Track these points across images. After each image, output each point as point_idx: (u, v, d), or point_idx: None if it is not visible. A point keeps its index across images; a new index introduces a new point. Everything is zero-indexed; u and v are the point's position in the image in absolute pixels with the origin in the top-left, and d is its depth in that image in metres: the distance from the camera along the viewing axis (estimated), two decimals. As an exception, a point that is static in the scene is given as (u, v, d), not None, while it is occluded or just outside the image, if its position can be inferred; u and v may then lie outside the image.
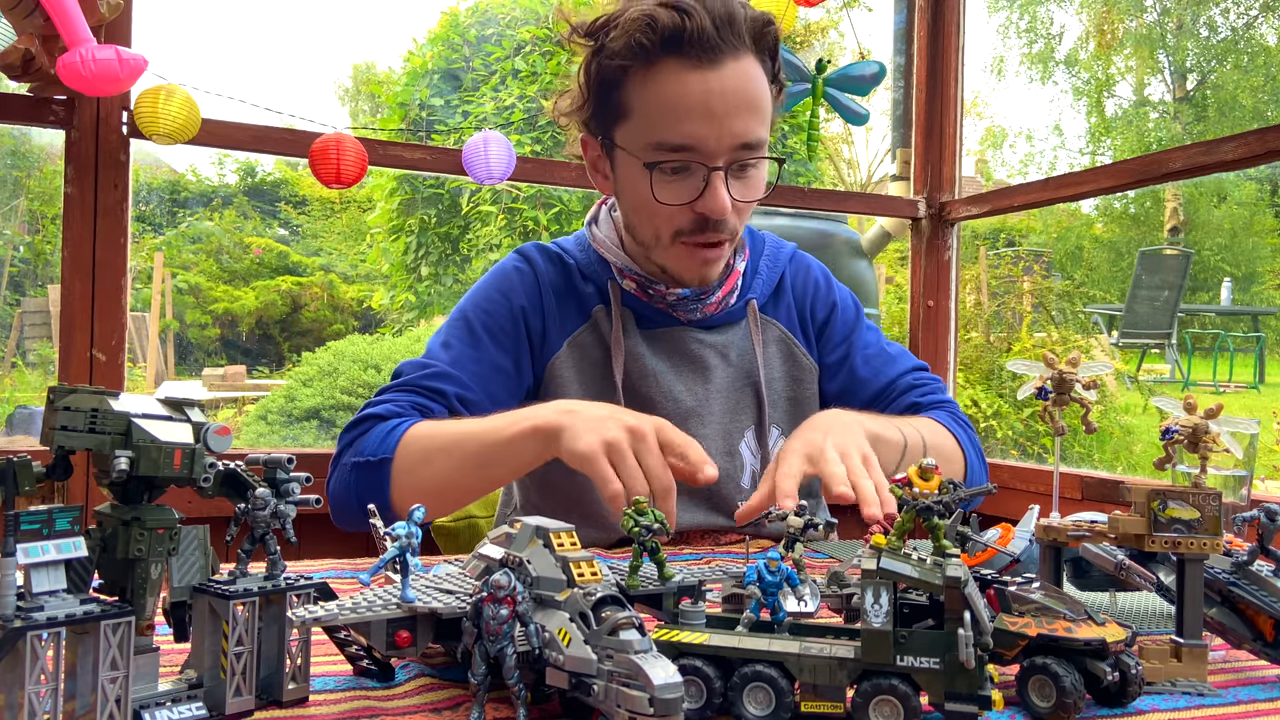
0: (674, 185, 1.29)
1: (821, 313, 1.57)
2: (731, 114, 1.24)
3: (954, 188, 2.66)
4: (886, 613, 0.68)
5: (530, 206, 6.92)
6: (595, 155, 1.40)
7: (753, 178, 1.32)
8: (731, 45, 1.23)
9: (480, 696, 0.66)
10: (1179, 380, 9.71)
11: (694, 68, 1.23)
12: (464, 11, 7.51)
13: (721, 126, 1.24)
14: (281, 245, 13.36)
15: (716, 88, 1.23)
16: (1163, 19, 21.11)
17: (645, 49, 1.23)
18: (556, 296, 1.45)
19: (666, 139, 1.26)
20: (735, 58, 1.24)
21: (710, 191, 1.27)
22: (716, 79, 1.23)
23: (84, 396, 0.65)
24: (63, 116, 1.84)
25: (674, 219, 1.31)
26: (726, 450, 1.46)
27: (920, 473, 0.75)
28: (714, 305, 1.45)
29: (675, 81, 1.24)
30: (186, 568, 0.72)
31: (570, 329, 1.44)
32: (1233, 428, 0.93)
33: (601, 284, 1.45)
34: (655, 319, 1.45)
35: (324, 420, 4.81)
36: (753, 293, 1.51)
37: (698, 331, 1.46)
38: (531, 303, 1.43)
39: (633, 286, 1.43)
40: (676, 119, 1.24)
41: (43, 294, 10.10)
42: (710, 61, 1.22)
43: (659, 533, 0.79)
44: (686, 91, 1.23)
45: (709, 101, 1.23)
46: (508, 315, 1.42)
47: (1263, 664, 0.87)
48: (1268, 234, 18.54)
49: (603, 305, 1.44)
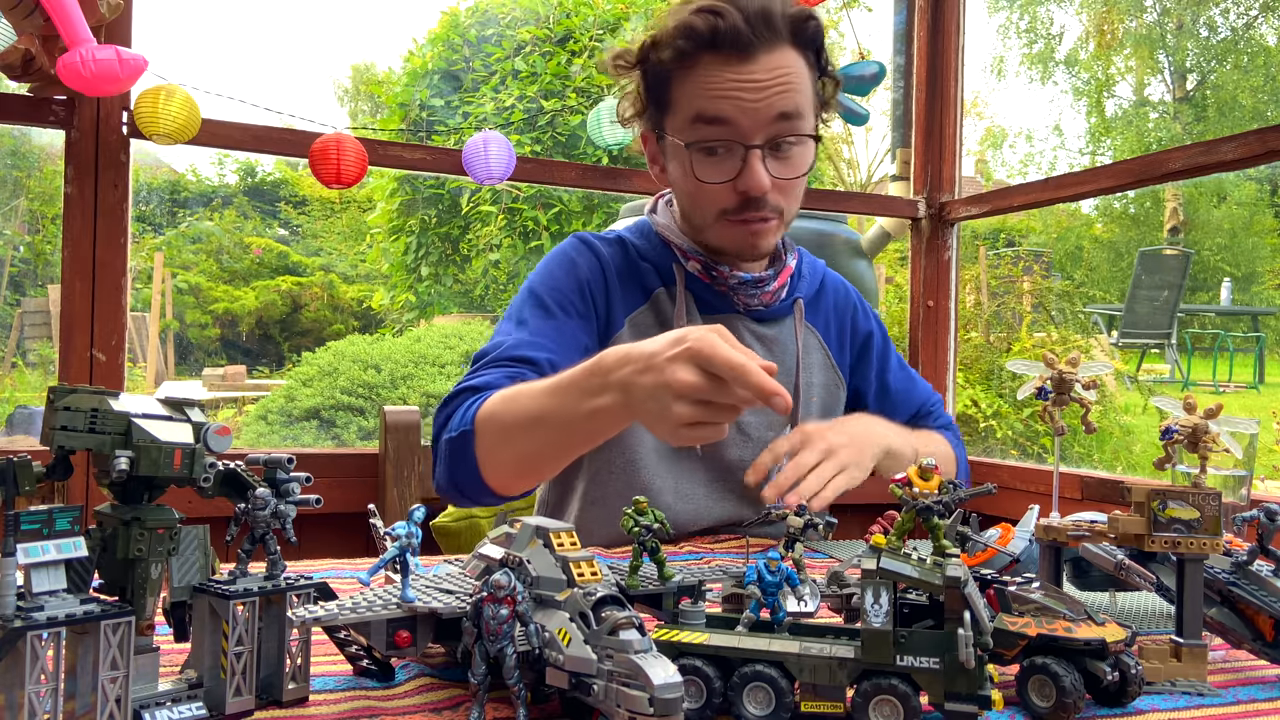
0: (714, 165, 1.36)
1: (860, 337, 1.64)
2: (766, 93, 1.31)
3: (954, 188, 2.66)
4: (886, 613, 0.68)
5: (530, 206, 6.92)
6: (652, 150, 1.49)
7: (794, 156, 1.38)
8: (765, 39, 1.31)
9: (480, 696, 0.66)
10: (1179, 380, 9.70)
11: (727, 62, 1.32)
12: (464, 12, 7.51)
13: (757, 104, 1.31)
14: (281, 245, 13.36)
15: (748, 75, 1.31)
16: (1163, 19, 21.11)
17: (685, 53, 1.33)
18: (619, 275, 1.48)
19: (704, 112, 1.34)
20: (769, 50, 1.32)
21: (748, 169, 1.34)
22: (748, 69, 1.31)
23: (84, 396, 0.65)
24: (63, 116, 1.84)
25: (718, 199, 1.38)
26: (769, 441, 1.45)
27: (920, 473, 0.75)
28: (770, 295, 1.49)
29: (712, 72, 1.33)
30: (186, 568, 0.72)
31: (631, 307, 1.47)
32: (1232, 428, 0.93)
33: (663, 266, 1.49)
34: (715, 305, 1.48)
35: (324, 420, 4.81)
36: (799, 292, 1.56)
37: (751, 322, 1.50)
38: (595, 279, 1.46)
39: (697, 268, 1.47)
40: (713, 99, 1.33)
41: (43, 294, 10.11)
42: (743, 55, 1.31)
43: (659, 533, 0.79)
44: (722, 78, 1.32)
45: (743, 84, 1.31)
46: (576, 289, 1.44)
47: (1263, 664, 0.87)
48: (1267, 234, 18.55)
49: (664, 287, 1.48)
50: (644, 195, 2.29)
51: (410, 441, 2.00)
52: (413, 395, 4.88)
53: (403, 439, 2.00)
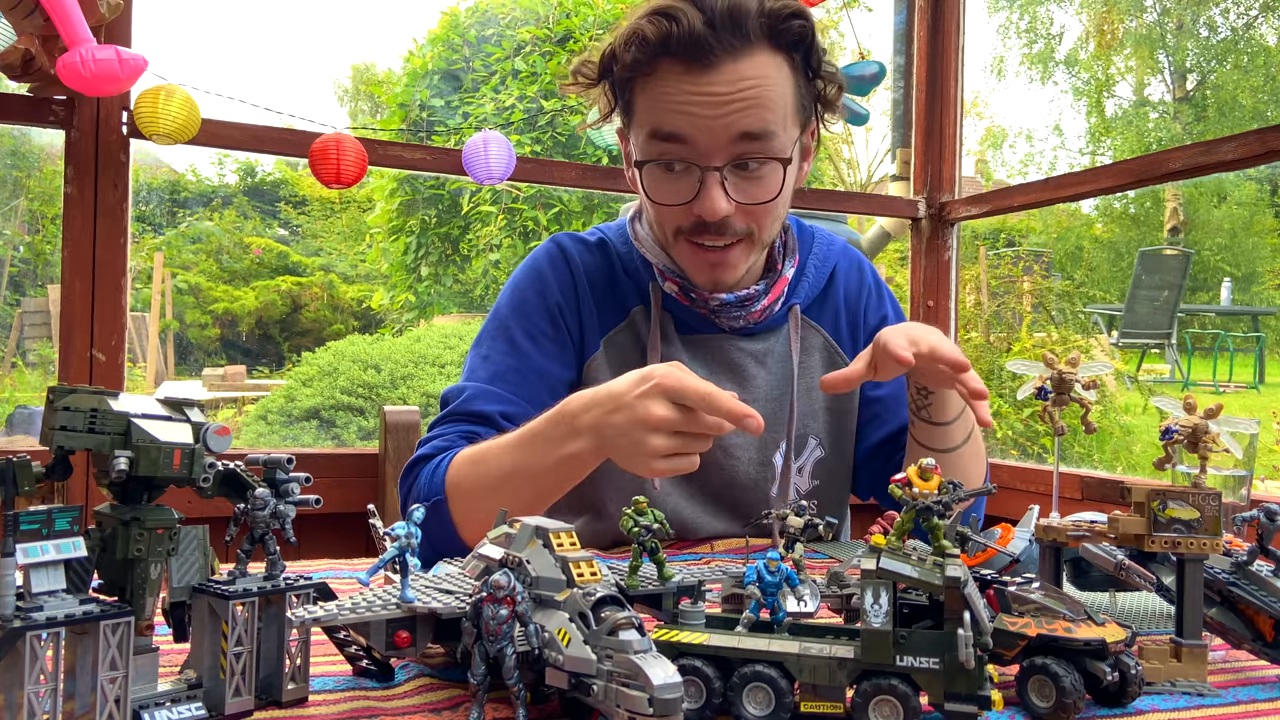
0: (670, 183, 1.27)
1: (873, 320, 1.53)
2: (725, 110, 1.20)
3: (954, 188, 2.66)
4: (886, 613, 0.68)
5: (530, 206, 6.92)
6: (627, 151, 1.39)
7: (765, 176, 1.27)
8: (729, 45, 1.19)
9: (480, 696, 0.66)
10: (1179, 380, 9.71)
11: (686, 70, 1.21)
12: (464, 12, 7.51)
13: (714, 123, 1.21)
14: (281, 245, 13.36)
15: (707, 88, 1.20)
16: (1163, 19, 21.12)
17: (639, 61, 1.23)
18: (593, 290, 1.42)
19: (658, 128, 1.24)
20: (735, 57, 1.20)
21: (704, 192, 1.24)
22: (707, 80, 1.20)
23: (84, 396, 0.65)
24: (63, 116, 1.84)
25: (675, 217, 1.30)
26: (760, 460, 1.43)
27: (920, 473, 0.75)
28: (758, 313, 1.41)
29: (668, 81, 1.23)
30: (186, 568, 0.72)
31: (607, 327, 1.41)
32: (1232, 428, 0.93)
33: (641, 283, 1.42)
34: (696, 324, 1.41)
35: (324, 420, 4.81)
36: (797, 297, 1.47)
37: (738, 339, 1.43)
38: (567, 300, 1.41)
39: (674, 289, 1.39)
40: (666, 111, 1.23)
41: (43, 294, 10.10)
42: (703, 63, 1.20)
43: (659, 533, 0.79)
44: (679, 89, 1.22)
45: (699, 99, 1.21)
46: (545, 315, 1.40)
47: (1263, 664, 0.87)
48: (1268, 234, 18.55)
49: (641, 305, 1.41)
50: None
51: (410, 442, 2.00)
52: (413, 395, 4.88)
53: (403, 439, 2.00)
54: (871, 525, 1.13)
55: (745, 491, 1.42)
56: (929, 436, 1.31)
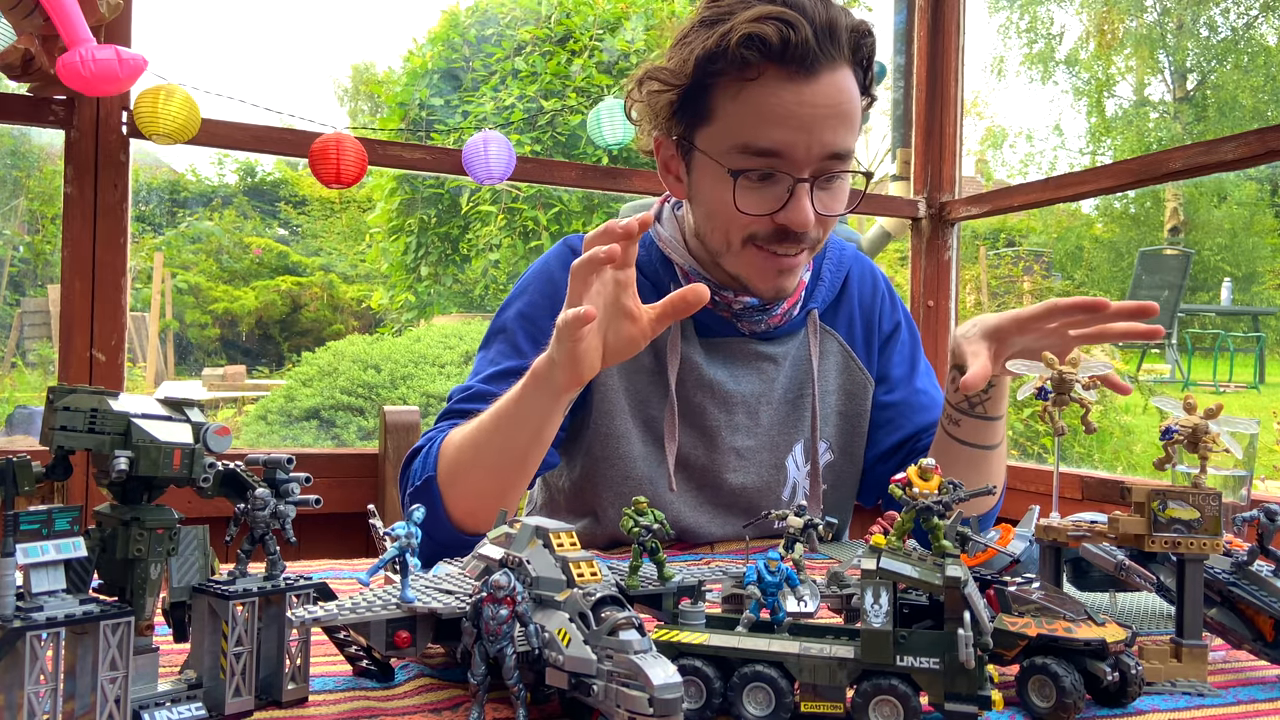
0: (757, 194, 1.26)
1: (887, 327, 1.54)
2: (822, 124, 1.22)
3: (954, 188, 2.66)
4: (886, 613, 0.68)
5: (530, 206, 6.92)
6: (669, 156, 1.37)
7: (838, 190, 1.29)
8: (830, 56, 1.21)
9: (480, 697, 0.66)
10: (1179, 380, 9.71)
11: (790, 79, 1.20)
12: (464, 11, 7.51)
13: (811, 136, 1.21)
14: (281, 245, 13.36)
15: (809, 99, 1.20)
16: (1163, 19, 21.11)
17: (747, 62, 1.21)
18: None
19: (754, 143, 1.23)
20: (832, 69, 1.21)
21: (794, 202, 1.24)
22: (810, 91, 1.20)
23: (83, 396, 0.65)
24: (63, 116, 1.84)
25: (752, 224, 1.28)
26: (773, 463, 1.43)
27: (920, 473, 0.75)
28: (779, 317, 1.41)
29: (770, 90, 1.21)
30: (186, 568, 0.72)
31: None
32: (1232, 428, 0.92)
33: (661, 284, 1.40)
34: (716, 327, 1.41)
35: (324, 420, 4.81)
36: (815, 302, 1.47)
37: (757, 342, 1.43)
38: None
39: None
40: (767, 125, 1.22)
41: (43, 294, 10.10)
42: (807, 73, 1.20)
43: (659, 533, 0.79)
44: (781, 100, 1.21)
45: (801, 111, 1.21)
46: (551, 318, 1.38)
47: (1263, 664, 0.87)
48: (1268, 234, 18.54)
49: None
50: (644, 195, 2.28)
51: (410, 442, 2.00)
52: (413, 395, 4.88)
53: (402, 439, 2.00)
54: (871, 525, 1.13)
55: (758, 495, 1.43)
56: (976, 433, 1.30)
